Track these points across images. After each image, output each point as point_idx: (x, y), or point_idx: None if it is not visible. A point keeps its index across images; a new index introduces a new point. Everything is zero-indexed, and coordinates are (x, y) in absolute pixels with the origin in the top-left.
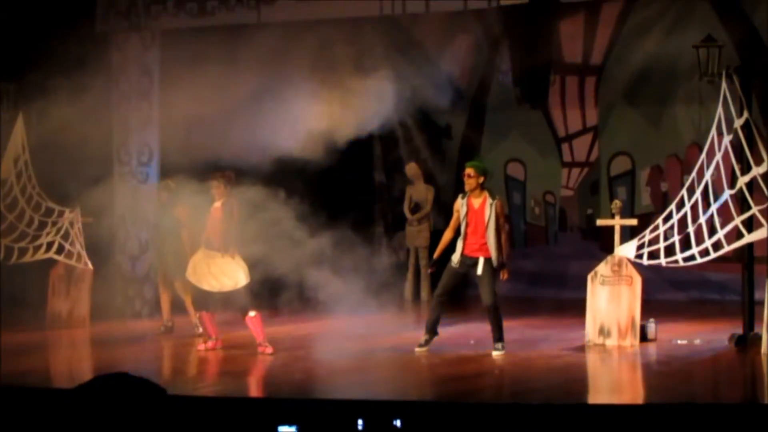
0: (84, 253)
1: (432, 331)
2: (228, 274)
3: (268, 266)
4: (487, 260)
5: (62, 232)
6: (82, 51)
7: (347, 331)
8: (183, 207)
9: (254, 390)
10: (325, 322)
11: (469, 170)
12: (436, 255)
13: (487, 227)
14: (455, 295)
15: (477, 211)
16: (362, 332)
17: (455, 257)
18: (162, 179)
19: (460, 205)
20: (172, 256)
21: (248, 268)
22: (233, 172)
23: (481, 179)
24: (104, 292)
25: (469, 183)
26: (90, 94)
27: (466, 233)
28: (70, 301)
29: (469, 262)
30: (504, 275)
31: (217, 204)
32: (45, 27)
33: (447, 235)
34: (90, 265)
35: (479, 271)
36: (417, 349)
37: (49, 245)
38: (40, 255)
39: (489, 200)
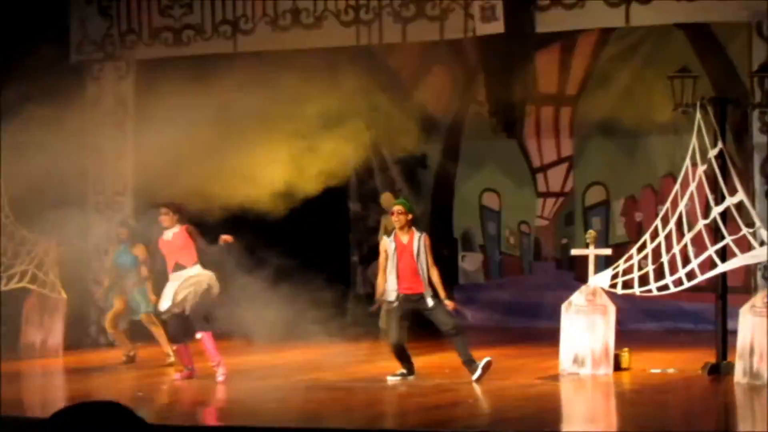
0: (58, 283)
1: (407, 367)
2: (199, 279)
3: (243, 295)
4: (429, 292)
5: (36, 261)
6: (57, 80)
7: (322, 361)
8: (140, 246)
9: (229, 419)
10: (299, 352)
11: (398, 208)
12: (378, 296)
13: (417, 260)
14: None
15: (406, 246)
16: (337, 361)
17: (391, 297)
18: (135, 210)
19: (387, 243)
20: (137, 292)
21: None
22: (184, 204)
23: (410, 216)
24: (78, 322)
25: (400, 220)
26: (64, 124)
27: (398, 270)
28: (44, 330)
29: (413, 299)
30: (451, 305)
31: (173, 232)
32: (18, 56)
33: (382, 279)
34: (64, 295)
35: (429, 302)
36: (390, 378)
37: (23, 274)
38: (14, 284)
39: (417, 234)
